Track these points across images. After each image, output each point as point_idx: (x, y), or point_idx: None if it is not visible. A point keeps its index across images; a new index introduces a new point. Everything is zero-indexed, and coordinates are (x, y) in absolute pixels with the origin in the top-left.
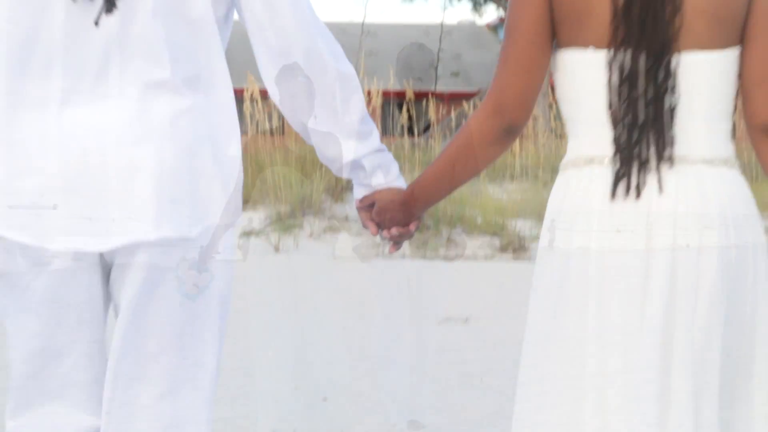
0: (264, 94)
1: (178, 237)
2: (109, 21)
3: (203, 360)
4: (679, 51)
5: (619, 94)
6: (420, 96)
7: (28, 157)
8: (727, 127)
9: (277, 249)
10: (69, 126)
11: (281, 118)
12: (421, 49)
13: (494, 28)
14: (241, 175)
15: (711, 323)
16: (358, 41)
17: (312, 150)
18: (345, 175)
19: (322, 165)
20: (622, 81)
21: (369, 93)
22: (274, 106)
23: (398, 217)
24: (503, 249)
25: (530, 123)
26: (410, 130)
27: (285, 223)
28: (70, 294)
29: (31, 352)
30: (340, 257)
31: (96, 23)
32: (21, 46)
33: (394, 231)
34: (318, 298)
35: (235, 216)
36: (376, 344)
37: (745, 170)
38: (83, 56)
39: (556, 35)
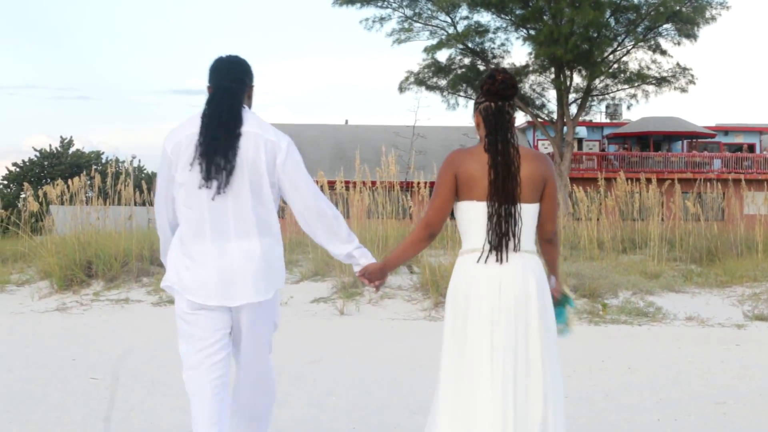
0: (331, 184)
1: (264, 299)
2: (225, 200)
3: (269, 343)
4: (519, 203)
5: (491, 222)
6: None
7: (200, 264)
8: (533, 237)
9: (341, 312)
10: (216, 249)
11: (344, 205)
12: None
13: (523, 130)
14: (284, 268)
15: (532, 329)
16: (410, 142)
17: (370, 230)
18: (345, 261)
19: (379, 243)
20: (492, 217)
21: (418, 184)
22: (336, 196)
23: (379, 276)
24: None
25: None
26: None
27: (348, 291)
28: (216, 320)
29: (200, 344)
30: (393, 319)
31: (213, 199)
32: (192, 212)
33: (377, 282)
34: (375, 353)
35: (282, 284)
36: (423, 390)
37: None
38: (216, 217)
39: (458, 194)
